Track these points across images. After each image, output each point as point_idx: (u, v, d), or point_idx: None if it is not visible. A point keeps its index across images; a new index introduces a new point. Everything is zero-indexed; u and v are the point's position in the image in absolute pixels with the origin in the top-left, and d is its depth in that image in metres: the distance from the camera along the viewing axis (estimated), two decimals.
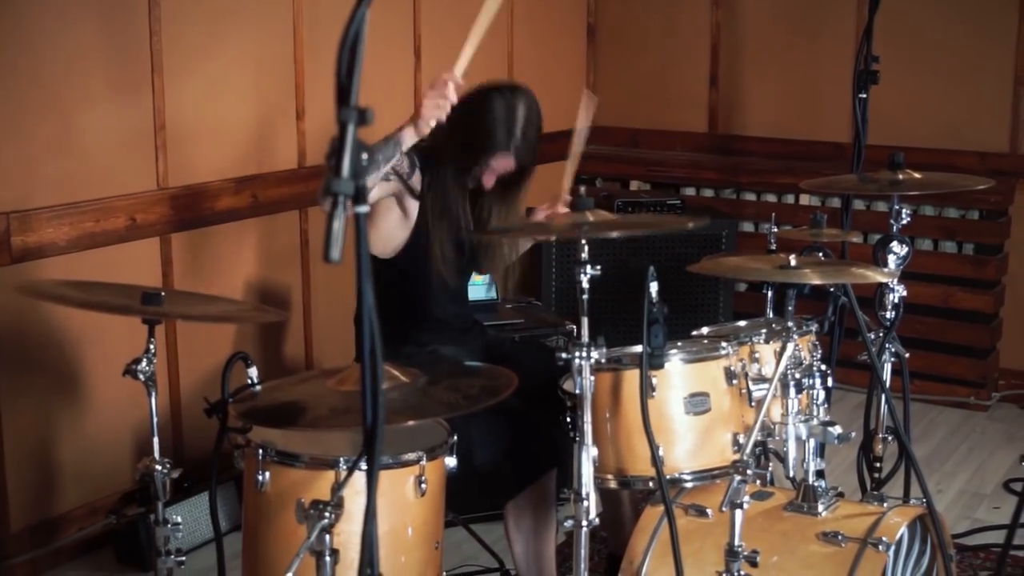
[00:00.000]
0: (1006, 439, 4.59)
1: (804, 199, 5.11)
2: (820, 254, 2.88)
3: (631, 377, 2.50)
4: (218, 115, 3.86)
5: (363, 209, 1.36)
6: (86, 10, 3.42)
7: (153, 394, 2.43)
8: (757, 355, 2.68)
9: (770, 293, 3.03)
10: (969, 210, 4.83)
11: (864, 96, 3.50)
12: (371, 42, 1.42)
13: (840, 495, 2.70)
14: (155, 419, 2.44)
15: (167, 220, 3.70)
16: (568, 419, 2.55)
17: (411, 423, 2.21)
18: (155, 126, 3.65)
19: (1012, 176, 4.81)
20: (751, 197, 5.25)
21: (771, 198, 5.20)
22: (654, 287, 2.35)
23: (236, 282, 3.98)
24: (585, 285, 2.29)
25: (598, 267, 2.36)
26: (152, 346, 2.42)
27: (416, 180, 2.98)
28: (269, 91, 4.03)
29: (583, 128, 3.03)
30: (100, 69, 3.48)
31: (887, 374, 3.22)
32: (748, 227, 5.20)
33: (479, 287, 4.19)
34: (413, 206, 3.01)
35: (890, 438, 3.25)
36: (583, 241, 2.35)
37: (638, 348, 2.41)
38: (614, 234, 2.50)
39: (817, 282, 2.60)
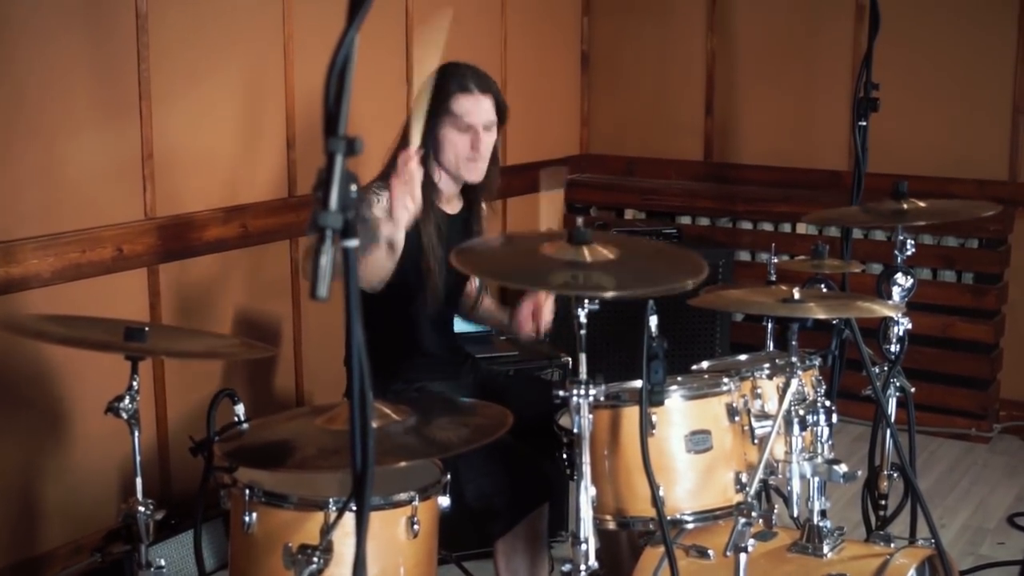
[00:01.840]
0: (1008, 472, 4.51)
1: (801, 228, 5.05)
2: (823, 286, 2.81)
3: (630, 414, 2.42)
4: (207, 143, 3.80)
5: (352, 243, 1.30)
6: (72, 35, 3.36)
7: (136, 432, 2.36)
8: (759, 391, 2.60)
9: (771, 325, 2.96)
10: (968, 239, 4.77)
11: (864, 124, 3.44)
12: (361, 68, 1.35)
13: (842, 533, 2.62)
14: (138, 458, 2.37)
15: (155, 251, 3.63)
16: (564, 456, 2.48)
17: (403, 464, 2.13)
18: (143, 155, 3.58)
19: (1011, 204, 4.76)
20: (747, 226, 5.19)
21: (767, 227, 5.14)
22: (654, 321, 2.27)
23: (225, 313, 3.91)
24: (583, 320, 2.21)
25: (596, 302, 2.27)
26: (135, 383, 2.36)
27: None
28: (259, 119, 3.97)
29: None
30: (86, 96, 3.42)
31: (891, 408, 3.15)
32: (744, 256, 5.15)
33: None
34: (400, 237, 2.94)
35: (895, 475, 3.17)
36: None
37: (637, 383, 2.33)
38: (608, 295, 2.18)
39: (823, 316, 2.53)
